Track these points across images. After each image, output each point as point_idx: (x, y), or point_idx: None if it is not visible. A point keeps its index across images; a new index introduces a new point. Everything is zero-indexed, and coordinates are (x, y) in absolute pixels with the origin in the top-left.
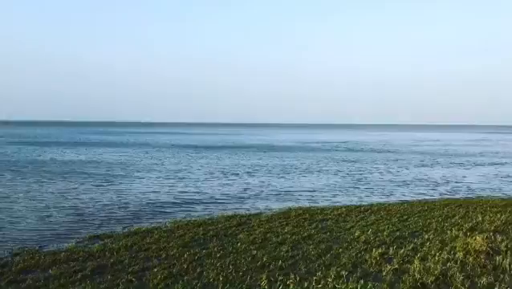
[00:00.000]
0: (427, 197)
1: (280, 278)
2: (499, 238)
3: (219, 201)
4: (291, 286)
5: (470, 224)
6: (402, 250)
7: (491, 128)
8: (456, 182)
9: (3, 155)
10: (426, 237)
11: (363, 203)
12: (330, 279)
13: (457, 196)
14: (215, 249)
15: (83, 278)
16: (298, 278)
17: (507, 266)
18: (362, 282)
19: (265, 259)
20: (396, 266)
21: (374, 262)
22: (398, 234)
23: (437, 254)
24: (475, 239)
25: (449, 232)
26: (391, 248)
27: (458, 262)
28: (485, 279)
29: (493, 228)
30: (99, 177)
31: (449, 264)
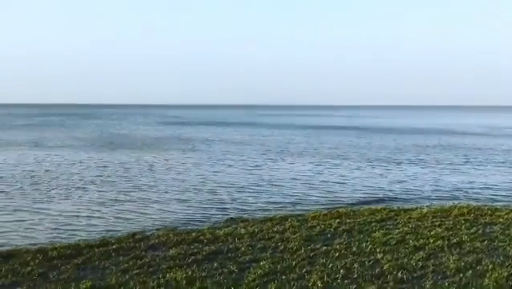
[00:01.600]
0: None
1: None
2: None
3: (371, 192)
4: None
5: None
6: None
7: None
8: None
9: (190, 133)
10: None
11: None
12: None
13: None
14: (338, 247)
15: (192, 263)
16: None
17: None
18: None
19: (386, 267)
20: None
21: None
22: None
23: None
24: None
25: None
26: None
27: None
28: None
29: None
30: (252, 159)
31: None
